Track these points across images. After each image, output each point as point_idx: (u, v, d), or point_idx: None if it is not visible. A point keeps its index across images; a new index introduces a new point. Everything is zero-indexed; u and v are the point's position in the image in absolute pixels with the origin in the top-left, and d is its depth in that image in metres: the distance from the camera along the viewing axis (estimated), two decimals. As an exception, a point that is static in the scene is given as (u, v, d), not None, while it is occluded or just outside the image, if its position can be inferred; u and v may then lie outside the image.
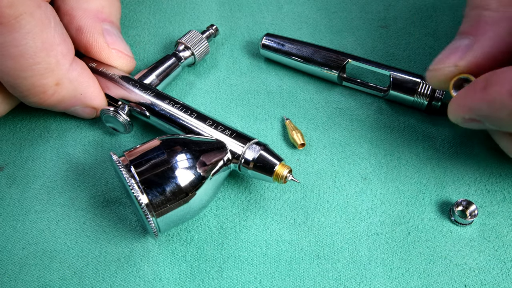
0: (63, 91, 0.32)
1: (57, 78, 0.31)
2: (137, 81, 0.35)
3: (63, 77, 0.32)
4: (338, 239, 0.31)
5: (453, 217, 0.32)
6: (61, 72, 0.31)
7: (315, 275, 0.30)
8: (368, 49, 0.41)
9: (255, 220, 0.32)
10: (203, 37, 0.39)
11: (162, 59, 0.37)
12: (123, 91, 0.34)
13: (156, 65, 0.37)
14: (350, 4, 0.44)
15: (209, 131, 0.32)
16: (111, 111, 0.34)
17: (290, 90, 0.39)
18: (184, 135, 0.31)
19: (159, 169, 0.28)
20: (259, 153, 0.30)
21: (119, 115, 0.34)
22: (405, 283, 0.30)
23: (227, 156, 0.31)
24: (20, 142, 0.36)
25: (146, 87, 0.34)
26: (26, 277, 0.30)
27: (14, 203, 0.33)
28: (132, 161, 0.28)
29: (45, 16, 0.30)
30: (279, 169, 0.30)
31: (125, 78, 0.35)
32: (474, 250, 0.31)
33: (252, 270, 0.30)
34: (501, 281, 0.30)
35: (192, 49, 0.38)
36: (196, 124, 0.32)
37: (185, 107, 0.33)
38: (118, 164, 0.28)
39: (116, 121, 0.34)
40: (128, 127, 0.34)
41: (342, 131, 0.36)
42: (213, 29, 0.40)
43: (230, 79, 0.40)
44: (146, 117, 0.34)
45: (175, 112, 0.33)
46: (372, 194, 0.33)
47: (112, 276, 0.30)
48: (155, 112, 0.33)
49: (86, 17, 0.34)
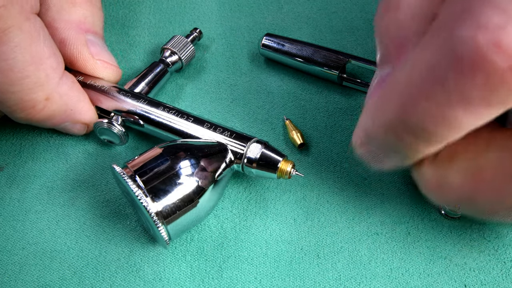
0: (53, 106, 0.31)
1: (47, 92, 0.31)
2: (128, 91, 0.34)
3: (53, 91, 0.31)
4: (338, 239, 0.32)
5: (443, 211, 0.32)
6: (51, 86, 0.31)
7: (315, 275, 0.30)
8: (368, 49, 0.41)
9: (255, 220, 0.32)
10: (188, 41, 0.39)
11: (150, 67, 0.37)
12: (115, 102, 0.34)
13: (144, 73, 0.37)
14: (350, 4, 0.44)
15: (208, 134, 0.32)
16: (105, 123, 0.33)
17: (290, 90, 0.39)
18: (184, 140, 0.31)
19: (165, 176, 0.28)
20: (261, 151, 0.30)
21: (114, 127, 0.33)
22: (405, 283, 0.30)
23: (229, 157, 0.31)
24: (20, 142, 0.36)
25: (138, 96, 0.34)
26: (26, 277, 0.30)
27: (14, 203, 0.33)
28: (136, 170, 0.28)
29: (34, 29, 0.29)
30: (282, 165, 0.30)
31: (116, 88, 0.34)
32: (474, 250, 0.31)
33: (252, 270, 0.30)
34: (501, 281, 0.30)
35: (178, 54, 0.38)
36: (194, 128, 0.32)
37: (180, 112, 0.33)
38: (122, 175, 0.27)
39: (111, 133, 0.34)
40: (123, 138, 0.34)
41: (342, 131, 0.36)
42: (196, 32, 0.40)
43: (230, 79, 0.40)
44: (141, 126, 0.34)
45: (171, 118, 0.33)
46: (372, 194, 0.33)
47: (112, 276, 0.30)
48: (150, 120, 0.33)
49: (68, 28, 0.33)
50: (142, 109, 0.33)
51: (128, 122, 0.34)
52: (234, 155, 0.31)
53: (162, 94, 0.39)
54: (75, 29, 0.34)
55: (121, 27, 0.43)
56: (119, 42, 0.42)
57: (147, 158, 0.29)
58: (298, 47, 0.38)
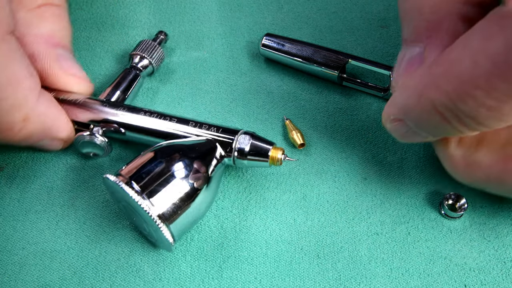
0: (31, 126, 0.30)
1: (25, 113, 0.29)
2: (104, 101, 0.34)
3: (31, 112, 0.30)
4: (338, 239, 0.31)
5: (443, 211, 0.32)
6: (29, 107, 0.30)
7: (315, 275, 0.30)
8: (368, 49, 0.41)
9: (255, 220, 0.32)
10: (155, 44, 0.38)
11: (122, 74, 0.36)
12: (93, 114, 0.33)
13: (118, 81, 0.36)
14: (350, 4, 0.44)
15: (195, 132, 0.32)
16: (86, 135, 0.32)
17: (290, 90, 0.39)
18: (172, 141, 0.31)
19: (161, 179, 0.28)
20: (250, 141, 0.31)
21: (96, 138, 0.32)
22: (405, 283, 0.30)
23: (220, 153, 0.31)
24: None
25: (115, 104, 0.33)
26: (26, 277, 0.30)
27: (14, 203, 0.33)
28: (131, 177, 0.28)
29: (10, 49, 0.28)
30: (273, 152, 0.31)
31: (92, 100, 0.34)
32: (474, 250, 0.31)
33: (252, 270, 0.30)
34: (501, 281, 0.30)
35: (148, 58, 0.38)
36: (180, 129, 0.32)
37: (162, 115, 0.32)
38: (118, 183, 0.27)
39: (94, 145, 0.33)
40: (107, 149, 0.33)
41: (342, 131, 0.36)
42: (162, 35, 0.40)
43: (230, 79, 0.40)
44: (122, 134, 0.33)
45: (154, 122, 0.32)
46: (372, 194, 0.33)
47: (112, 276, 0.30)
48: (132, 127, 0.32)
49: (38, 43, 0.32)
50: (123, 117, 0.33)
51: (109, 132, 0.33)
52: (224, 149, 0.31)
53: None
54: (44, 44, 0.33)
55: (121, 27, 0.43)
56: (119, 42, 0.42)
57: (140, 164, 0.29)
58: (298, 47, 0.38)
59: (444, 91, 0.21)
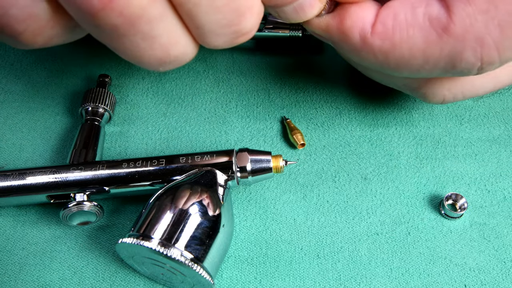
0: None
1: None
2: (74, 164, 0.30)
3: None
4: (338, 239, 0.32)
5: (443, 211, 0.32)
6: None
7: (315, 275, 0.30)
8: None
9: (255, 220, 0.32)
10: (104, 90, 0.36)
11: (80, 132, 0.33)
12: (70, 181, 0.30)
13: (78, 140, 0.33)
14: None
15: (188, 167, 0.30)
16: (72, 206, 0.29)
17: (290, 90, 0.39)
18: (171, 184, 0.29)
19: (180, 224, 0.26)
20: (249, 158, 0.30)
21: (84, 205, 0.29)
22: (405, 283, 0.30)
23: (223, 178, 0.30)
24: (20, 142, 0.36)
25: (89, 164, 0.30)
26: (26, 277, 0.30)
27: (14, 203, 0.33)
28: (149, 232, 0.26)
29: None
30: (274, 162, 0.30)
31: (64, 169, 0.30)
32: (474, 250, 0.31)
33: (252, 270, 0.30)
34: (501, 281, 0.30)
35: (102, 106, 0.35)
36: (172, 168, 0.30)
37: (146, 159, 0.30)
38: (139, 244, 0.26)
39: (84, 213, 0.30)
40: (99, 213, 0.30)
41: (342, 131, 0.36)
42: (107, 79, 0.37)
43: (230, 79, 0.40)
44: (106, 192, 0.30)
45: (141, 170, 0.30)
46: (372, 194, 0.33)
47: (112, 276, 0.30)
48: (118, 181, 0.30)
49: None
50: (105, 174, 0.30)
51: (92, 195, 0.30)
52: (225, 173, 0.30)
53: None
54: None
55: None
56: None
57: (151, 216, 0.27)
58: None
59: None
